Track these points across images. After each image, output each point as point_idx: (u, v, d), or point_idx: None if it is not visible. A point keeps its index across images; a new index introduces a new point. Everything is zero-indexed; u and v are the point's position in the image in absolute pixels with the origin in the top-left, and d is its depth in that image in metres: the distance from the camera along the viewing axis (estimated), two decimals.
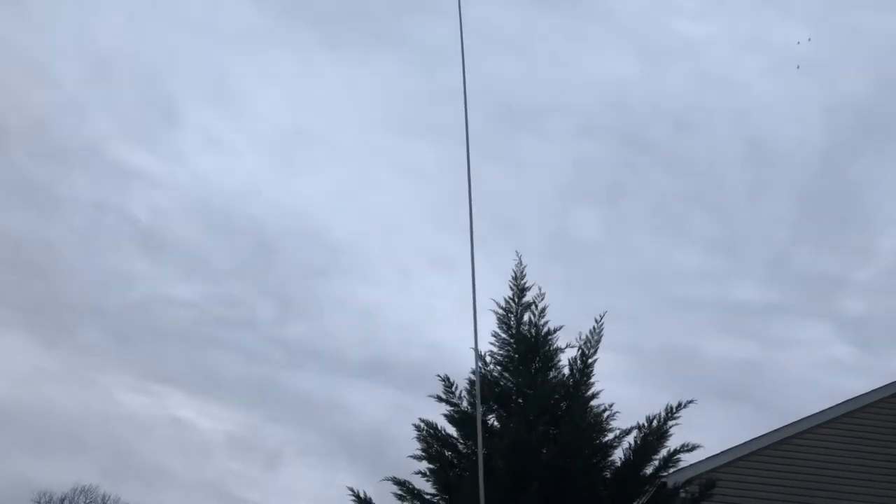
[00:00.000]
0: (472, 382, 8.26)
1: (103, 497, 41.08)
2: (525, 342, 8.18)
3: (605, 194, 33.23)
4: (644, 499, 7.84)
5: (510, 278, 8.38)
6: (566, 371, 8.19)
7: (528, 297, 8.34)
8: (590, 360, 8.09)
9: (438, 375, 8.23)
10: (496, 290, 8.45)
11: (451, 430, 8.11)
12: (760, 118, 30.90)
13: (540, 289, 8.36)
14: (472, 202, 5.74)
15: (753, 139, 31.15)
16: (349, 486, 8.02)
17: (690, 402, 7.96)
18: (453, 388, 8.16)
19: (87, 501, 40.44)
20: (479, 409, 6.45)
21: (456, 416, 8.10)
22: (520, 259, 8.50)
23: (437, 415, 8.15)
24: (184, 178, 34.96)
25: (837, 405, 11.48)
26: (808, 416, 11.34)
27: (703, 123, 31.21)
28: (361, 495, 8.01)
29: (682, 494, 8.03)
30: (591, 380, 8.13)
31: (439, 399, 8.17)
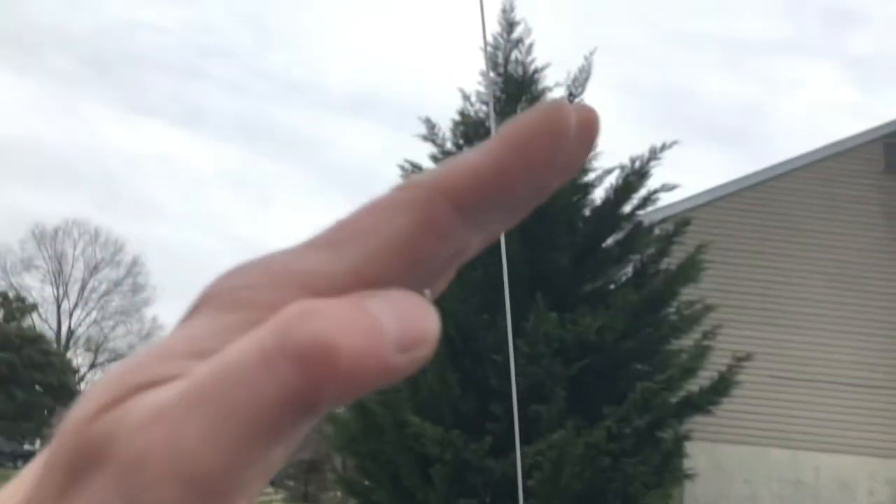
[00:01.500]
0: (455, 123, 8.28)
1: (96, 229, 42.67)
2: (512, 81, 8.06)
3: None
4: (620, 234, 8.17)
5: (499, 11, 8.04)
6: None
7: (518, 33, 8.08)
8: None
9: (419, 117, 8.19)
10: (490, 23, 8.10)
11: None
12: None
13: (526, 23, 8.06)
14: None
15: None
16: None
17: (674, 143, 8.08)
18: (436, 129, 8.18)
19: (81, 232, 42.09)
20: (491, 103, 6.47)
21: (440, 157, 8.20)
22: None
23: (424, 156, 8.25)
24: None
25: (816, 150, 11.65)
26: (785, 160, 11.55)
27: None
28: None
29: (657, 232, 8.35)
30: None
31: (424, 139, 8.21)
